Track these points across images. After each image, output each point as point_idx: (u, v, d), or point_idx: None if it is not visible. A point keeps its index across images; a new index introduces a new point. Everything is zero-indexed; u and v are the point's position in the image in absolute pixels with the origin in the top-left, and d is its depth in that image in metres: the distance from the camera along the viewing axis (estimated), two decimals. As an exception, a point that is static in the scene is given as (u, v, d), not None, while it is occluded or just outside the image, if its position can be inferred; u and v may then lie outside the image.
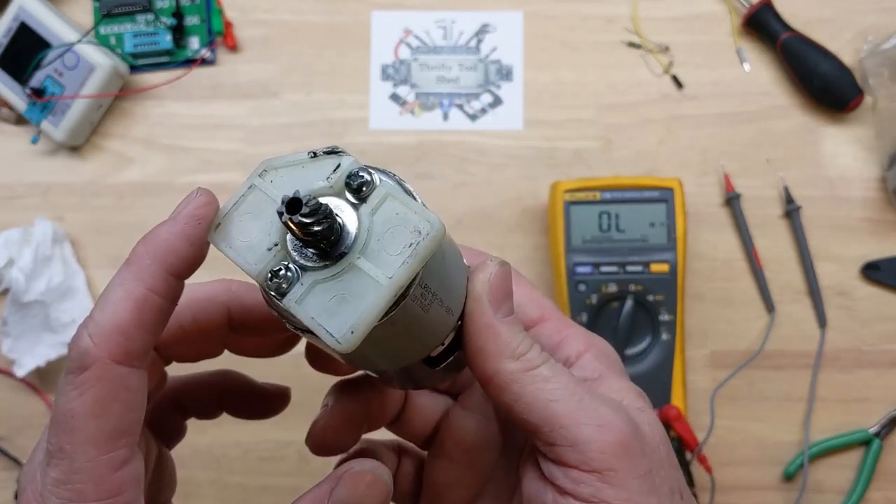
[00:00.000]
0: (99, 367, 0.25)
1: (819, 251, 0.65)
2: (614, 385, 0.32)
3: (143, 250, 0.26)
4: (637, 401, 0.32)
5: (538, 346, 0.31)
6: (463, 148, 0.67)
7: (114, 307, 0.26)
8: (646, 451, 0.29)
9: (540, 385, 0.30)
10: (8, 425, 0.65)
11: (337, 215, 0.25)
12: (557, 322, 0.34)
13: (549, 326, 0.34)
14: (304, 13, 0.69)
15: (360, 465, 0.30)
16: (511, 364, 0.30)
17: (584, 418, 0.29)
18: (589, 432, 0.29)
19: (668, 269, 0.61)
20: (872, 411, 0.64)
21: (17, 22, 0.65)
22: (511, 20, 0.69)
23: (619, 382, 0.32)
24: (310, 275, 0.25)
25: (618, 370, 0.33)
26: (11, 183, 0.67)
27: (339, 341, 0.25)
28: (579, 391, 0.30)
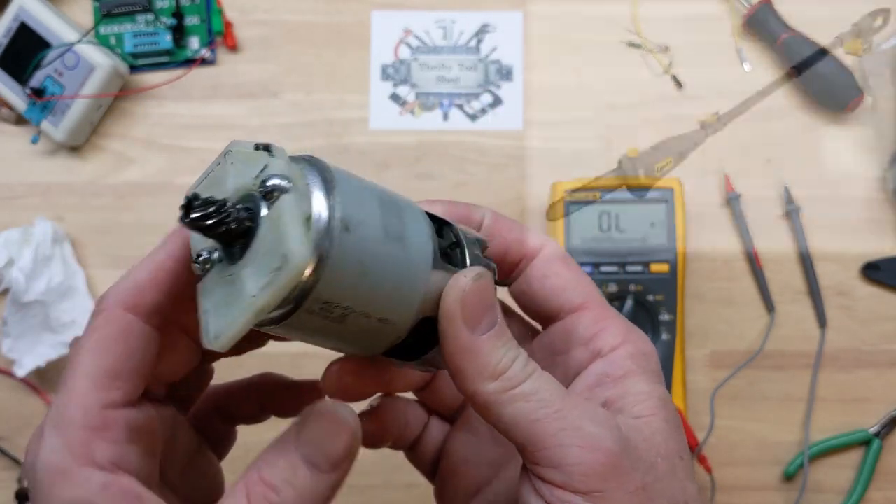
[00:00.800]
0: (108, 312, 0.28)
1: (819, 251, 0.65)
2: (636, 387, 0.31)
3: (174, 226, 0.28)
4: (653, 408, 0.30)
5: (523, 358, 0.29)
6: (463, 148, 0.67)
7: (135, 269, 0.29)
8: (638, 467, 0.28)
9: (521, 405, 0.28)
10: (8, 425, 0.65)
11: (248, 219, 0.25)
12: (598, 312, 0.33)
13: (587, 316, 0.33)
14: (304, 13, 0.69)
15: (324, 406, 0.28)
16: (490, 385, 0.28)
17: (567, 439, 0.28)
18: (572, 454, 0.28)
19: (668, 269, 0.61)
20: (872, 411, 0.64)
21: (17, 22, 0.65)
22: (511, 20, 0.69)
23: (643, 385, 0.31)
24: (221, 268, 0.26)
25: (648, 371, 0.32)
26: (11, 183, 0.67)
27: (209, 341, 0.25)
28: (565, 407, 0.28)
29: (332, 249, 0.26)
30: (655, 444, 0.29)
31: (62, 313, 0.63)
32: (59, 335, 0.63)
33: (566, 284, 0.33)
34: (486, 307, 0.29)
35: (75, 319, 0.63)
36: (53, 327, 0.63)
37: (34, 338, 0.63)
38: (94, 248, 0.66)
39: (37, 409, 0.65)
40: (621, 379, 0.31)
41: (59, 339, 0.63)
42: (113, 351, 0.28)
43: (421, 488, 0.40)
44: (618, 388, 0.31)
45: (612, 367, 0.31)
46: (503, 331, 0.29)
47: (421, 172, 0.67)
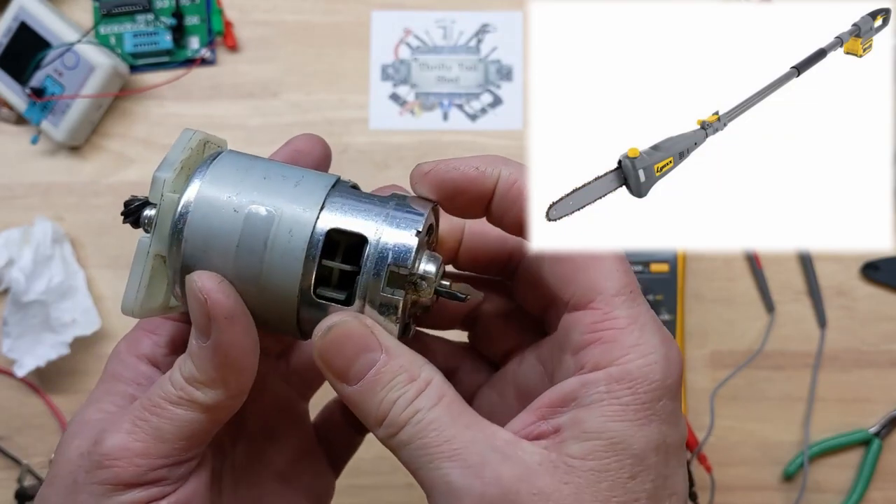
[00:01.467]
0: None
1: (819, 251, 0.65)
2: (589, 423, 0.27)
3: None
4: (588, 453, 0.27)
5: (406, 397, 0.28)
6: (463, 148, 0.67)
7: None
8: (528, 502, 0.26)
9: (404, 452, 0.28)
10: (8, 425, 0.65)
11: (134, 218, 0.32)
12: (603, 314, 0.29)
13: (588, 318, 0.29)
14: (304, 13, 0.69)
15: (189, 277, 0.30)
16: (378, 433, 0.29)
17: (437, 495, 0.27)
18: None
19: (668, 269, 0.61)
20: (872, 411, 0.64)
21: (17, 22, 0.65)
22: (511, 20, 0.69)
23: (599, 422, 0.27)
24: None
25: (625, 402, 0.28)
26: (11, 183, 0.67)
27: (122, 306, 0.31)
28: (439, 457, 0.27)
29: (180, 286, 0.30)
30: (554, 499, 0.26)
31: (62, 313, 0.63)
32: (59, 335, 0.63)
33: (575, 272, 0.30)
34: (350, 357, 0.29)
35: (75, 319, 0.63)
36: (53, 327, 0.63)
37: (34, 338, 0.63)
38: (94, 248, 0.66)
39: (37, 409, 0.65)
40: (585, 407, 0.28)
41: (59, 339, 0.63)
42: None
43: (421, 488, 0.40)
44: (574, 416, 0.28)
45: (584, 389, 0.28)
46: (384, 371, 0.28)
47: (421, 172, 0.67)
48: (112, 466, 0.29)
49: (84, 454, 0.30)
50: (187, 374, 0.30)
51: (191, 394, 0.30)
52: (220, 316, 0.29)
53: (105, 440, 0.30)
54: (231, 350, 0.30)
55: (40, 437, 0.65)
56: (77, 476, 0.30)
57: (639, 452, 0.27)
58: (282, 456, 0.37)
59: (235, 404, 0.31)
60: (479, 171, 0.31)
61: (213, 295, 0.29)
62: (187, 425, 0.30)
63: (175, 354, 0.33)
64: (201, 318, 0.29)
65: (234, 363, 0.30)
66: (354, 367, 0.29)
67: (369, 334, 0.29)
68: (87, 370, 0.65)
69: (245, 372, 0.30)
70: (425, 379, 0.29)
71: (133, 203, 0.31)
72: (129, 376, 0.33)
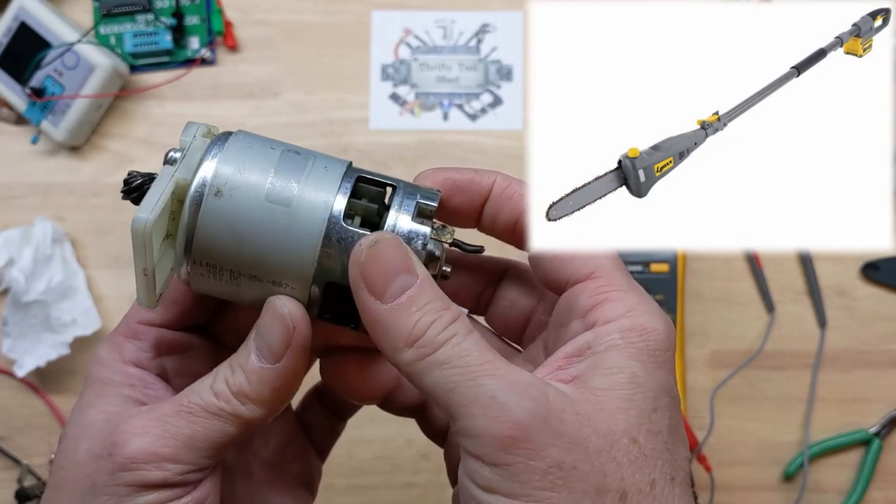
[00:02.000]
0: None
1: (819, 251, 0.65)
2: (609, 361, 0.29)
3: None
4: (616, 384, 0.28)
5: (442, 321, 0.28)
6: (463, 148, 0.67)
7: None
8: (556, 443, 0.26)
9: (437, 373, 0.28)
10: (8, 425, 0.65)
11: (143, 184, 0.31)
12: (604, 281, 0.31)
13: (591, 286, 0.31)
14: (304, 13, 0.69)
15: (271, 300, 0.30)
16: (405, 355, 0.28)
17: (478, 408, 0.27)
18: (481, 424, 0.27)
19: (668, 269, 0.61)
20: (872, 411, 0.64)
21: (17, 22, 0.65)
22: (511, 20, 0.69)
23: (619, 360, 0.29)
24: None
25: (638, 347, 0.29)
26: (11, 183, 0.67)
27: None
28: (482, 374, 0.27)
29: (200, 214, 0.29)
30: (594, 421, 0.27)
31: (62, 313, 0.63)
32: (59, 335, 0.63)
33: (575, 253, 0.32)
34: (390, 274, 0.29)
35: (75, 319, 0.63)
36: (53, 327, 0.63)
37: (34, 338, 0.63)
38: (94, 248, 0.66)
39: (37, 409, 0.65)
40: (601, 352, 0.29)
41: (59, 339, 0.63)
42: None
43: (421, 488, 0.40)
44: (592, 360, 0.29)
45: (598, 339, 0.29)
46: (419, 294, 0.29)
47: (421, 172, 0.67)
48: (139, 469, 0.29)
49: (101, 456, 0.30)
50: (236, 389, 0.30)
51: (235, 407, 0.30)
52: (299, 346, 0.30)
53: (130, 443, 0.29)
54: (294, 377, 0.30)
55: (40, 437, 0.65)
56: (96, 478, 0.30)
57: (656, 389, 0.29)
58: (268, 446, 0.37)
59: (268, 423, 0.31)
60: (477, 174, 0.34)
61: (302, 326, 0.30)
62: (220, 436, 0.30)
63: (160, 358, 0.34)
64: (280, 343, 0.30)
65: (290, 389, 0.31)
66: (393, 284, 0.29)
67: (410, 257, 0.29)
68: (87, 370, 0.65)
69: (291, 397, 0.32)
70: (457, 311, 0.29)
71: (135, 179, 0.31)
72: (120, 379, 0.33)
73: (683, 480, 0.29)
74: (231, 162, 0.30)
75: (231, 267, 0.30)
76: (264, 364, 0.30)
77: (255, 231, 0.29)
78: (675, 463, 0.28)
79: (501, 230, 0.34)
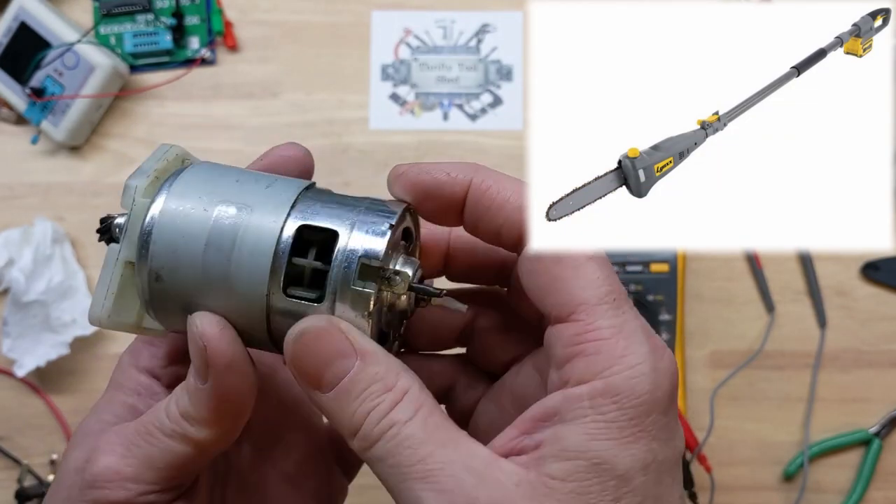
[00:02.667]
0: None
1: (819, 251, 0.65)
2: (569, 440, 0.26)
3: None
4: (567, 473, 0.26)
5: (381, 409, 0.27)
6: (463, 148, 0.67)
7: None
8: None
9: (377, 468, 0.27)
10: (8, 425, 0.65)
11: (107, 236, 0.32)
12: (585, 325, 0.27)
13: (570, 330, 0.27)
14: (304, 13, 0.69)
15: (192, 317, 0.30)
16: (352, 444, 0.28)
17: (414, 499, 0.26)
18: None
19: (668, 269, 0.61)
20: (872, 411, 0.64)
21: (17, 22, 0.65)
22: (511, 20, 0.69)
23: (580, 440, 0.26)
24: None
25: (609, 419, 0.26)
26: (11, 183, 0.67)
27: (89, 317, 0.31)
28: (412, 475, 0.26)
29: (149, 300, 0.30)
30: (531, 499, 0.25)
31: (62, 313, 0.63)
32: (60, 335, 0.63)
33: (552, 283, 0.28)
34: (323, 363, 0.28)
35: (75, 319, 0.63)
36: (53, 327, 0.63)
37: (34, 338, 0.63)
38: (94, 248, 0.66)
39: (37, 409, 0.65)
40: (567, 424, 0.26)
41: (59, 339, 0.63)
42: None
43: (421, 488, 0.40)
44: (555, 433, 0.26)
45: (566, 405, 0.26)
46: (357, 379, 0.27)
47: (421, 172, 0.67)
48: (102, 488, 0.29)
49: (78, 469, 0.30)
50: (182, 410, 0.30)
51: (184, 428, 0.30)
52: (219, 364, 0.29)
53: (98, 460, 0.30)
54: (228, 395, 0.29)
55: (40, 437, 0.65)
56: (71, 492, 0.30)
57: (624, 473, 0.26)
58: (288, 458, 0.37)
59: (227, 442, 0.31)
60: (449, 176, 0.30)
61: (214, 343, 0.29)
62: (178, 457, 0.30)
63: (173, 366, 0.34)
64: (200, 363, 0.29)
65: (229, 408, 0.30)
66: (328, 373, 0.27)
67: (343, 338, 0.28)
68: (87, 370, 0.65)
69: (240, 416, 0.30)
70: (402, 388, 0.27)
71: (108, 220, 0.31)
72: (130, 386, 0.33)
73: None
74: (166, 231, 0.29)
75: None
76: (198, 384, 0.29)
77: (204, 300, 0.29)
78: None
79: (486, 235, 0.31)
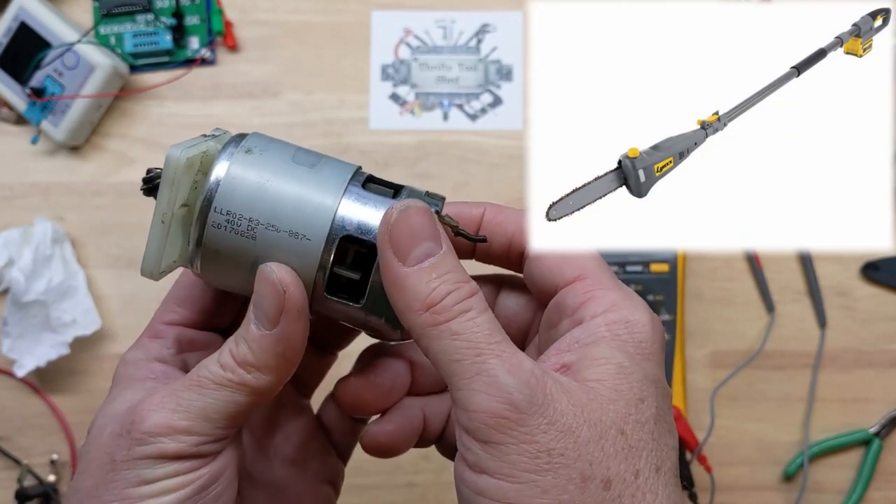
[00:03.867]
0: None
1: (819, 251, 0.65)
2: (597, 353, 0.30)
3: None
4: (604, 374, 0.29)
5: (461, 292, 0.29)
6: (463, 148, 0.67)
7: None
8: (547, 430, 0.27)
9: (446, 341, 0.29)
10: (8, 425, 0.65)
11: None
12: (589, 282, 0.32)
13: (577, 287, 0.32)
14: (304, 13, 0.69)
15: (262, 267, 0.31)
16: (419, 317, 0.29)
17: (479, 384, 0.28)
18: (479, 400, 0.27)
19: (668, 269, 0.61)
20: (872, 411, 0.64)
21: (17, 22, 0.65)
22: (511, 20, 0.69)
23: (606, 351, 0.30)
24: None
25: (624, 339, 0.30)
26: (11, 183, 0.67)
27: (141, 268, 0.32)
28: (488, 353, 0.28)
29: (231, 163, 0.31)
30: (587, 411, 0.28)
31: (62, 313, 0.63)
32: (59, 335, 0.63)
33: (561, 261, 0.33)
34: (416, 238, 0.30)
35: (75, 319, 0.63)
36: (53, 327, 0.63)
37: (34, 338, 0.63)
38: (95, 248, 0.66)
39: (37, 409, 0.65)
40: (589, 344, 0.30)
41: (59, 339, 0.63)
42: (178, 287, 0.36)
43: (421, 488, 0.40)
44: (581, 352, 0.30)
45: (585, 332, 0.31)
46: (440, 263, 0.30)
47: (421, 172, 0.67)
48: (156, 442, 0.30)
49: (121, 434, 0.31)
50: (241, 358, 0.31)
51: (241, 376, 0.31)
52: (293, 310, 0.31)
53: (147, 418, 0.30)
54: (293, 341, 0.31)
55: (40, 437, 0.65)
56: (115, 454, 0.31)
57: (642, 380, 0.29)
58: (289, 444, 0.38)
59: (278, 389, 0.32)
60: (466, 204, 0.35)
61: (292, 290, 0.31)
62: (232, 406, 0.31)
63: (182, 354, 0.35)
64: (273, 309, 0.31)
65: (291, 353, 0.31)
66: (417, 249, 0.30)
67: (437, 226, 0.30)
68: (87, 370, 0.65)
69: (296, 361, 0.32)
70: (474, 287, 0.30)
71: (156, 176, 0.32)
72: (144, 374, 0.34)
73: (669, 470, 0.29)
74: (258, 139, 0.33)
75: (251, 215, 0.31)
76: (263, 331, 0.31)
77: (280, 180, 0.31)
78: (660, 453, 0.29)
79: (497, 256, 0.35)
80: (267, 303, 0.31)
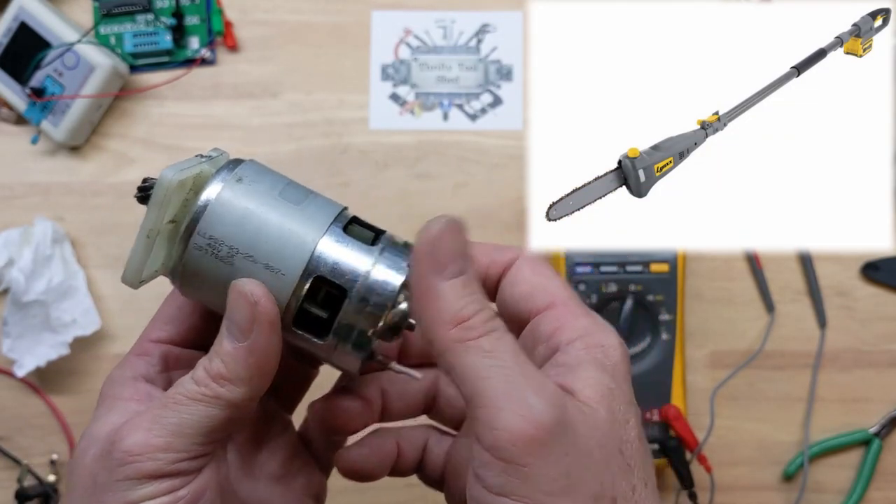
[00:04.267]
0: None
1: (819, 251, 0.65)
2: (586, 374, 0.30)
3: None
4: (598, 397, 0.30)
5: (487, 312, 0.30)
6: (463, 148, 0.67)
7: None
8: (570, 451, 0.28)
9: (474, 358, 0.29)
10: (8, 425, 0.65)
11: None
12: (560, 310, 0.33)
13: (550, 315, 0.33)
14: (304, 13, 0.69)
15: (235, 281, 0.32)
16: (449, 331, 0.29)
17: (508, 402, 0.28)
18: (507, 419, 0.27)
19: (668, 269, 0.61)
20: (872, 411, 0.64)
21: (17, 22, 0.65)
22: (511, 20, 0.69)
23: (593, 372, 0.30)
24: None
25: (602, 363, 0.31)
26: (11, 183, 0.67)
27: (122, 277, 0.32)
28: (515, 371, 0.28)
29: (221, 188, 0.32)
30: (597, 433, 0.29)
31: (62, 313, 0.63)
32: (60, 335, 0.63)
33: (532, 289, 0.34)
34: (453, 254, 0.30)
35: (75, 319, 0.63)
36: (53, 327, 0.63)
37: (34, 338, 0.63)
38: (94, 248, 0.66)
39: (37, 409, 0.65)
40: (574, 367, 0.31)
41: (59, 339, 0.63)
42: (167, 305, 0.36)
43: (421, 488, 0.40)
44: (570, 375, 0.30)
45: (567, 357, 0.31)
46: (471, 282, 0.30)
47: (421, 172, 0.67)
48: (134, 462, 0.30)
49: (102, 456, 0.31)
50: (214, 372, 0.31)
51: (215, 390, 0.31)
52: (265, 321, 0.31)
53: (125, 438, 0.31)
54: (266, 352, 0.31)
55: (40, 437, 0.65)
56: (97, 477, 0.31)
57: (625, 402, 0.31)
58: (274, 460, 0.38)
59: (254, 403, 0.33)
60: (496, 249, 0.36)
61: (264, 301, 0.31)
62: (207, 420, 0.31)
63: (168, 372, 0.35)
64: (245, 321, 0.31)
65: (265, 364, 0.32)
66: (453, 264, 0.30)
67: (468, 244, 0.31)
68: (87, 370, 0.65)
69: (270, 374, 0.32)
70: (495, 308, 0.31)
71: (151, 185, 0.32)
72: (129, 394, 0.34)
73: (653, 484, 0.31)
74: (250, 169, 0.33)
75: (232, 243, 0.32)
76: (236, 343, 0.31)
77: (265, 213, 0.32)
78: (647, 469, 0.30)
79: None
80: (238, 315, 0.31)
